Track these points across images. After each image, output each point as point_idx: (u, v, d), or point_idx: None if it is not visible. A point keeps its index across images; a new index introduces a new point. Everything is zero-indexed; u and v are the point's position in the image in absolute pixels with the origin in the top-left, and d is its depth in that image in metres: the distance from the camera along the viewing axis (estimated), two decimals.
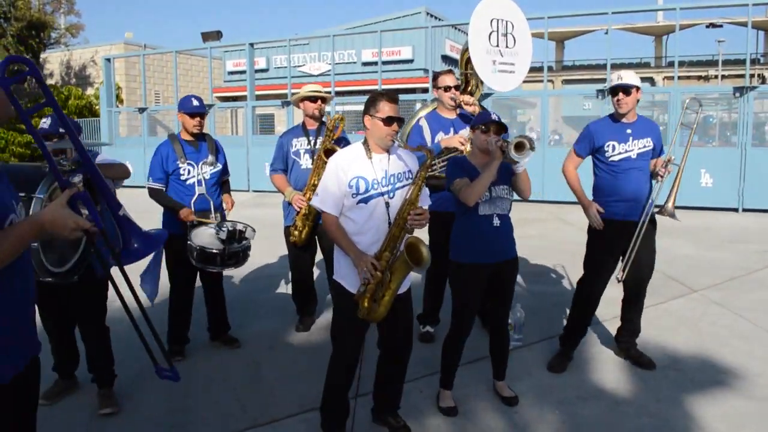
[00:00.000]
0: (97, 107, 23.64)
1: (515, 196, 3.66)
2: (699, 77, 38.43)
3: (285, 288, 6.53)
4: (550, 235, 9.42)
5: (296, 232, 4.83)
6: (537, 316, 5.32)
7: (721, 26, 39.38)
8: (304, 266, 5.14)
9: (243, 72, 24.99)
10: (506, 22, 4.76)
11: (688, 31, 39.30)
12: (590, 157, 4.31)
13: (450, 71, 4.83)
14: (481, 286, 3.62)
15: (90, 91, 26.68)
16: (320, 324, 5.30)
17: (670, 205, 4.11)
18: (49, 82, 27.74)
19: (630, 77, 4.04)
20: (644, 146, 4.07)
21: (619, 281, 4.16)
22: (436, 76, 4.82)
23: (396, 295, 3.06)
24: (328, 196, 3.14)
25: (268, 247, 7.65)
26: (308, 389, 3.96)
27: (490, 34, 4.68)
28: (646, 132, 4.11)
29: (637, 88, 4.03)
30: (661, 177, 4.05)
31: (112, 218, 2.51)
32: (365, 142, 3.23)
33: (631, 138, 4.07)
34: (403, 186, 3.21)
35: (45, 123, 3.76)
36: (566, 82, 40.18)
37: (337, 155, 3.29)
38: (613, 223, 4.10)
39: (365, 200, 3.12)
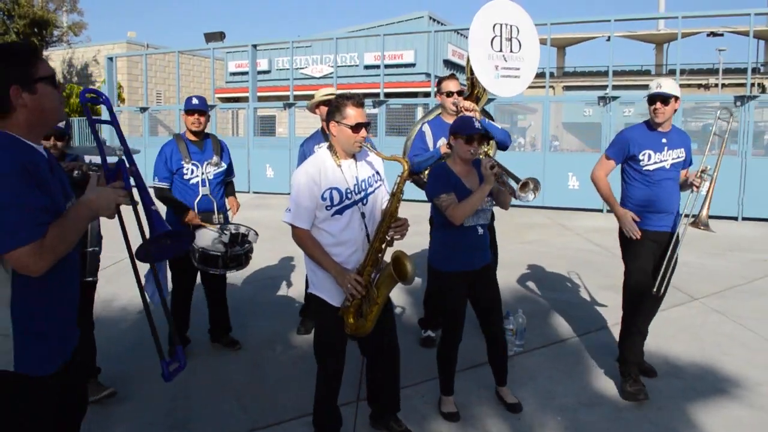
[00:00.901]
0: (98, 106, 23.63)
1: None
2: (699, 85, 38.49)
3: (286, 290, 6.53)
4: (550, 240, 9.43)
5: None
6: (538, 321, 5.32)
7: (721, 35, 39.51)
8: None
9: (245, 73, 25.05)
10: (510, 26, 4.74)
11: (689, 39, 39.39)
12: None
13: (453, 76, 4.84)
14: (463, 292, 3.65)
15: None
16: None
17: (704, 214, 4.01)
18: None
19: (670, 86, 3.90)
20: (678, 156, 4.00)
21: (656, 294, 4.00)
22: (439, 81, 4.82)
23: None
24: (301, 211, 3.02)
25: (268, 249, 7.66)
26: (309, 392, 3.91)
27: (493, 39, 4.67)
28: (680, 142, 4.04)
29: (676, 98, 3.91)
30: (697, 188, 3.95)
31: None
32: (331, 148, 3.13)
33: (666, 148, 3.98)
34: (374, 191, 3.18)
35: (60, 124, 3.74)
36: (567, 88, 40.24)
37: (306, 166, 3.12)
38: (647, 233, 4.00)
39: (340, 211, 3.04)
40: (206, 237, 4.36)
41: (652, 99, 3.93)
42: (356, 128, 3.01)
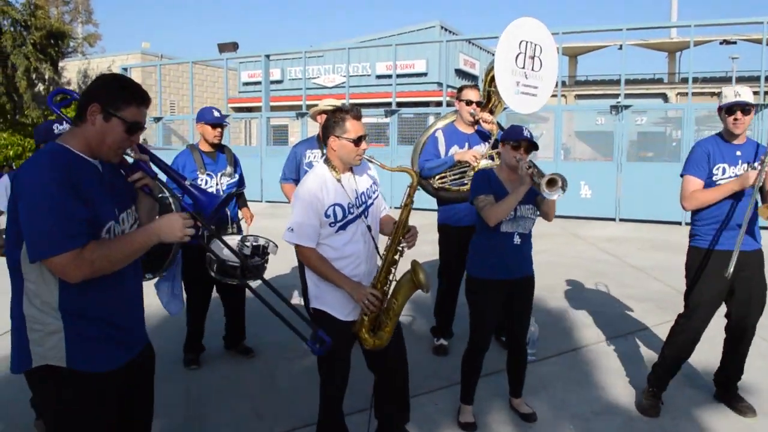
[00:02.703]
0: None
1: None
2: (712, 94, 38.27)
3: (298, 299, 6.56)
4: (562, 250, 9.41)
5: None
6: (551, 331, 5.32)
7: (734, 43, 39.30)
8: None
9: (258, 83, 25.22)
10: (535, 45, 4.76)
11: (702, 47, 39.25)
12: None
13: (475, 86, 4.89)
14: (498, 301, 3.60)
15: None
16: None
17: None
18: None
19: (749, 94, 3.61)
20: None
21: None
22: (461, 88, 4.85)
23: None
24: (306, 229, 2.97)
25: (279, 258, 7.69)
26: None
27: (518, 55, 4.68)
28: (755, 155, 3.71)
29: (753, 107, 3.67)
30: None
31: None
32: (328, 162, 3.10)
33: (740, 161, 3.70)
34: (373, 201, 3.18)
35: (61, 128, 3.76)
36: (579, 97, 40.18)
37: (306, 183, 3.07)
38: (721, 253, 3.66)
39: (343, 227, 3.02)
40: (225, 249, 4.39)
41: (732, 109, 3.63)
42: (357, 141, 2.99)
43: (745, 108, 3.61)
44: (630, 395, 4.07)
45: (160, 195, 2.30)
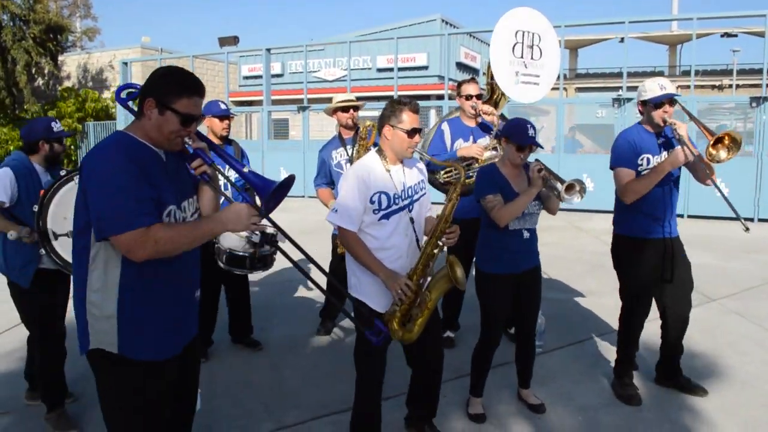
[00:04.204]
0: (113, 110, 23.86)
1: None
2: (713, 86, 38.23)
3: (304, 292, 6.60)
4: (566, 243, 9.44)
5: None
6: (557, 323, 5.35)
7: (735, 36, 39.21)
8: (341, 275, 5.15)
9: (258, 77, 25.18)
10: (533, 34, 4.77)
11: (703, 40, 39.16)
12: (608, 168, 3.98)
13: (473, 80, 4.89)
14: (508, 295, 3.63)
15: (107, 94, 26.94)
16: (341, 327, 5.36)
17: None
18: (66, 84, 28.04)
19: (672, 86, 3.74)
20: None
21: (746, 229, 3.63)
22: (459, 84, 4.87)
23: None
24: (348, 212, 2.99)
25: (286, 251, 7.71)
26: (332, 392, 4.02)
27: (515, 45, 4.70)
28: (674, 142, 3.79)
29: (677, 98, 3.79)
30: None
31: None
32: (380, 152, 3.13)
33: (661, 149, 3.84)
34: (419, 198, 3.19)
35: (59, 126, 3.77)
36: (579, 89, 40.09)
37: (355, 168, 3.12)
38: (655, 241, 3.84)
39: (387, 216, 3.03)
40: (233, 238, 4.40)
41: (662, 102, 3.73)
42: (411, 133, 3.02)
43: (672, 100, 3.74)
44: (637, 386, 4.09)
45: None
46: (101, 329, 2.10)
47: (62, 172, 3.50)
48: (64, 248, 3.42)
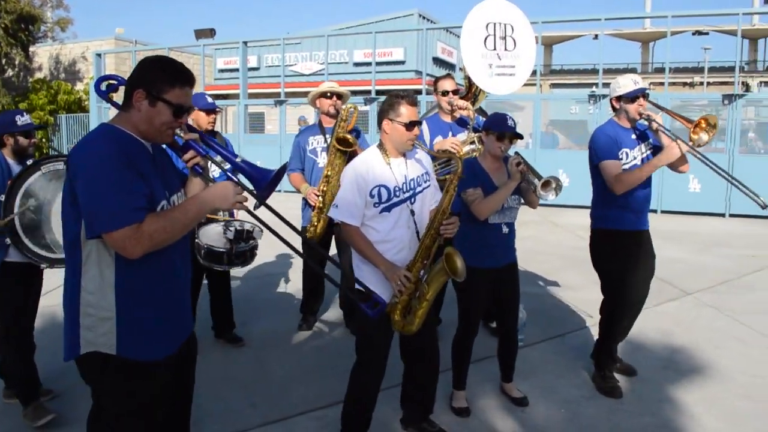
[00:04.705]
0: (86, 103, 23.47)
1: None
2: (684, 84, 38.83)
3: (285, 287, 6.58)
4: (543, 237, 9.53)
5: (311, 228, 4.75)
6: (538, 317, 5.40)
7: (707, 34, 39.88)
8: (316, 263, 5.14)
9: (234, 70, 24.97)
10: (504, 25, 4.78)
11: (675, 38, 39.68)
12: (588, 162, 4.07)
13: (449, 76, 4.89)
14: (486, 288, 3.67)
15: (80, 86, 26.47)
16: (323, 322, 5.36)
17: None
18: (38, 75, 27.50)
19: (643, 82, 3.91)
20: (647, 151, 3.97)
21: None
22: (435, 80, 4.87)
23: None
24: (348, 206, 3.02)
25: (266, 246, 7.67)
26: (316, 387, 4.02)
27: (486, 38, 4.69)
28: (647, 135, 4.00)
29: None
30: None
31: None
32: (381, 146, 3.16)
33: (637, 143, 3.95)
34: (423, 190, 3.18)
35: (24, 119, 3.70)
36: (554, 86, 40.44)
37: (354, 163, 3.14)
38: (639, 233, 3.98)
39: (388, 209, 3.04)
40: (211, 233, 4.38)
41: (636, 96, 3.85)
42: (410, 126, 3.03)
43: (645, 94, 3.88)
44: (618, 379, 4.15)
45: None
46: (98, 331, 2.04)
47: (29, 162, 3.46)
48: (36, 240, 3.38)
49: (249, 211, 2.27)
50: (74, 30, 36.49)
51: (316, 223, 4.75)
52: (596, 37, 40.10)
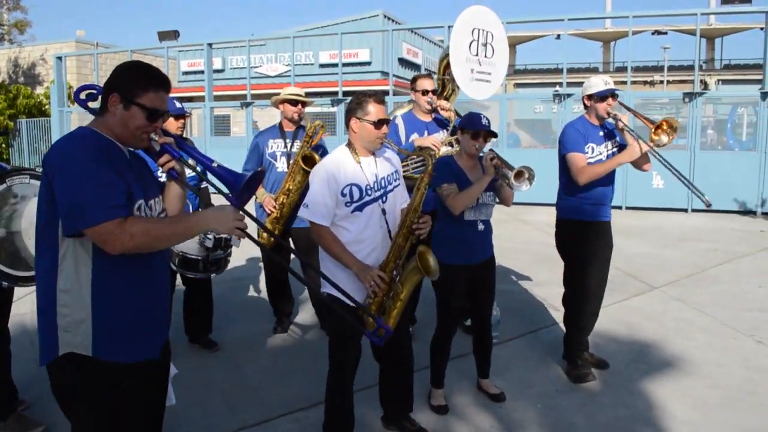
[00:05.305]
0: (47, 107, 22.97)
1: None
2: (645, 82, 39.66)
3: (254, 291, 6.54)
4: (512, 235, 9.64)
5: (265, 235, 4.72)
6: (511, 313, 5.48)
7: (665, 33, 40.78)
8: (277, 266, 5.13)
9: (198, 72, 24.70)
10: (487, 32, 4.85)
11: (635, 37, 40.44)
12: (557, 155, 4.33)
13: (429, 75, 4.94)
14: (464, 285, 3.72)
15: (40, 90, 25.89)
16: (297, 324, 5.35)
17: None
18: None
19: (612, 82, 4.09)
20: (613, 147, 4.16)
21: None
22: (415, 78, 4.89)
23: None
24: (318, 207, 2.99)
25: (236, 250, 7.62)
26: (295, 389, 4.02)
27: (471, 42, 4.77)
28: (612, 133, 4.20)
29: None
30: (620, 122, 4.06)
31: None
32: (350, 145, 3.15)
33: (604, 140, 4.15)
34: (393, 189, 3.20)
35: None
36: (518, 85, 40.93)
37: (324, 163, 3.13)
38: (603, 224, 4.18)
39: (360, 208, 3.03)
40: (187, 240, 4.33)
41: (606, 95, 4.05)
42: (378, 124, 3.03)
43: (614, 94, 4.09)
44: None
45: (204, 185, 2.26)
46: (74, 331, 2.01)
47: None
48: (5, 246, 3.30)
49: (250, 237, 2.22)
50: (32, 32, 35.64)
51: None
52: (558, 37, 40.80)
